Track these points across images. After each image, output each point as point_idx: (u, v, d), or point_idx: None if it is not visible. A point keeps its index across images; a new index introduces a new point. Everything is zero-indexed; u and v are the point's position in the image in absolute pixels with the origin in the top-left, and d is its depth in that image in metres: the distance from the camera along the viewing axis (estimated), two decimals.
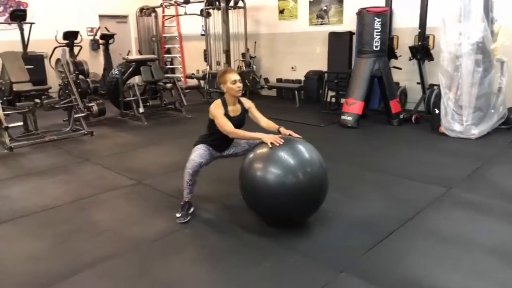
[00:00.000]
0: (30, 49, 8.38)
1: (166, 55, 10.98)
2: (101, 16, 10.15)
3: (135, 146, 5.16)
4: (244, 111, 3.16)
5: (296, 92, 7.63)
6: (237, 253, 2.58)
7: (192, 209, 3.10)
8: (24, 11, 8.06)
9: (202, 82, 8.74)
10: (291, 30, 8.32)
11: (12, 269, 2.45)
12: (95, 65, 9.71)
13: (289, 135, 2.96)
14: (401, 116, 5.91)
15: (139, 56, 7.86)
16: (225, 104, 3.04)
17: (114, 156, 4.72)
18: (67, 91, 5.72)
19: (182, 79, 10.48)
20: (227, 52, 8.27)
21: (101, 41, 9.25)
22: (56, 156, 4.78)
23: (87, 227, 2.96)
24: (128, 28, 10.86)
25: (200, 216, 3.07)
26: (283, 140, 2.75)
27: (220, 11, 8.34)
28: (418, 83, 6.28)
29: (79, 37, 8.67)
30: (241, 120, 3.13)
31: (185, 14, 9.15)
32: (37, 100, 5.40)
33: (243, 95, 3.27)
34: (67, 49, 7.54)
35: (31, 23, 8.03)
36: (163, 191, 3.57)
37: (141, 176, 3.98)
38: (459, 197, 3.33)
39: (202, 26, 8.90)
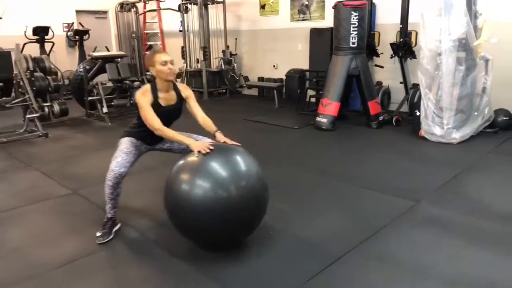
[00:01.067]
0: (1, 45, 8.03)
1: (147, 53, 10.57)
2: (79, 12, 9.75)
3: (88, 150, 4.77)
4: (181, 100, 2.71)
5: (275, 91, 7.22)
6: (150, 283, 2.19)
7: (117, 227, 2.70)
8: None
9: (179, 80, 8.34)
10: (273, 26, 7.91)
11: None
12: (72, 62, 9.34)
13: (224, 142, 2.56)
14: (381, 118, 5.50)
15: (105, 53, 7.44)
16: (155, 91, 2.59)
17: (59, 161, 4.32)
18: (19, 89, 5.33)
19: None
20: (204, 49, 7.86)
21: (75, 38, 8.85)
22: None
23: None
24: (107, 24, 10.46)
25: (125, 235, 2.68)
26: (212, 148, 2.35)
27: (198, 6, 7.94)
28: (401, 82, 5.87)
29: (50, 32, 8.32)
30: (175, 111, 2.70)
31: (161, 9, 8.76)
32: None
33: (222, 94, 2.84)
34: (20, 44, 7.08)
35: None
36: (97, 203, 3.15)
37: (80, 184, 3.58)
38: (426, 213, 2.92)
39: (181, 22, 8.50)
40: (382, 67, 6.07)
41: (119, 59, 6.62)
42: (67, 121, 6.24)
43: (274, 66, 8.05)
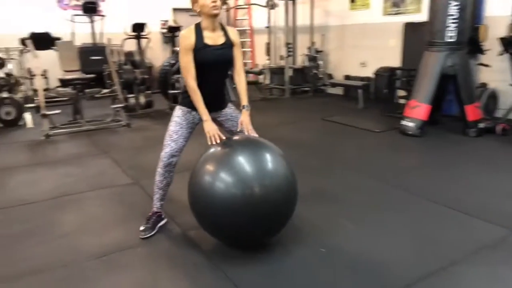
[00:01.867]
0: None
1: None
2: (175, 9, 10.23)
3: (160, 141, 4.86)
4: (229, 42, 2.38)
5: (359, 91, 6.68)
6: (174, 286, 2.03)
7: (162, 222, 2.60)
8: (95, 3, 8.36)
9: (261, 77, 8.24)
10: (363, 21, 7.35)
11: None
12: (166, 57, 9.84)
13: (241, 127, 2.41)
14: (482, 125, 4.70)
15: None
16: (199, 30, 2.30)
17: (132, 150, 4.47)
18: (109, 81, 5.67)
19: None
20: (288, 45, 7.62)
21: (168, 34, 9.27)
22: (80, 146, 4.69)
23: (44, 230, 2.65)
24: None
25: (168, 232, 2.57)
26: (219, 140, 2.24)
27: (284, 1, 7.73)
28: (511, 84, 4.97)
29: (146, 29, 8.82)
30: (223, 54, 2.35)
31: (248, 5, 8.73)
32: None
33: (305, 92, 2.60)
34: (111, 38, 7.54)
35: (102, 16, 8.32)
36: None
37: (142, 174, 3.62)
38: None
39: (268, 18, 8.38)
40: (488, 66, 5.20)
41: None
42: (152, 113, 6.52)
43: (362, 64, 7.48)
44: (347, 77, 7.72)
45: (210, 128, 2.31)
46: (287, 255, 2.26)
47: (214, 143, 2.26)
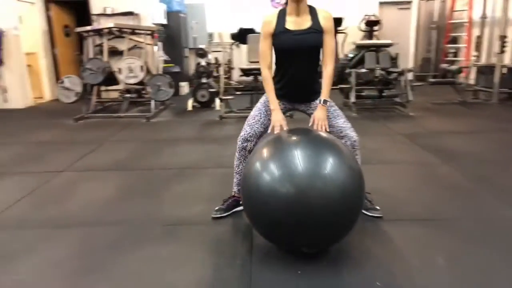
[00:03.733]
0: None
1: (448, 45, 9.31)
2: (382, 3, 9.71)
3: None
4: (317, 27, 2.12)
5: None
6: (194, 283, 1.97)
7: (239, 208, 2.56)
8: None
9: (462, 76, 6.93)
10: None
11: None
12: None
13: (312, 122, 2.16)
14: None
15: (369, 41, 7.05)
16: (282, 15, 2.14)
17: None
18: None
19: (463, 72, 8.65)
20: (503, 39, 6.10)
21: (365, 29, 8.88)
22: (238, 129, 5.07)
23: (152, 192, 3.02)
24: (409, 15, 9.89)
25: (240, 218, 2.51)
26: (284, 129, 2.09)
27: None
28: None
29: (343, 23, 8.73)
30: (308, 40, 2.11)
31: None
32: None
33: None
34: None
35: None
36: None
37: None
38: None
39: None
40: None
41: (386, 48, 6.15)
42: None
43: None
44: None
45: (276, 118, 2.20)
46: (330, 277, 1.87)
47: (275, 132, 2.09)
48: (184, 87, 8.59)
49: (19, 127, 5.51)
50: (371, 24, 8.69)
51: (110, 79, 5.85)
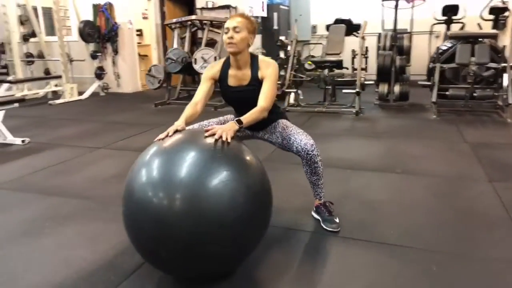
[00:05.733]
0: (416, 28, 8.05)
1: None
2: None
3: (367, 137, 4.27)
4: (255, 81, 2.03)
5: None
6: None
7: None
8: None
9: None
10: None
11: None
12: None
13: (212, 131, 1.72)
14: None
15: (465, 31, 5.83)
16: (226, 65, 2.09)
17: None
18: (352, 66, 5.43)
19: None
20: None
21: (487, 17, 7.43)
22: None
23: None
24: None
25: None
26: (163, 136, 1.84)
27: None
28: None
29: (459, 12, 7.52)
30: (249, 96, 2.03)
31: None
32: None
33: None
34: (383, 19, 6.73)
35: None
36: None
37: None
38: None
39: None
40: None
41: (486, 40, 5.07)
42: (405, 105, 5.70)
43: None
44: None
45: (176, 123, 1.97)
46: None
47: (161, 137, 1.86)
48: None
49: (109, 108, 6.32)
50: (497, 12, 7.30)
51: (190, 68, 6.21)
